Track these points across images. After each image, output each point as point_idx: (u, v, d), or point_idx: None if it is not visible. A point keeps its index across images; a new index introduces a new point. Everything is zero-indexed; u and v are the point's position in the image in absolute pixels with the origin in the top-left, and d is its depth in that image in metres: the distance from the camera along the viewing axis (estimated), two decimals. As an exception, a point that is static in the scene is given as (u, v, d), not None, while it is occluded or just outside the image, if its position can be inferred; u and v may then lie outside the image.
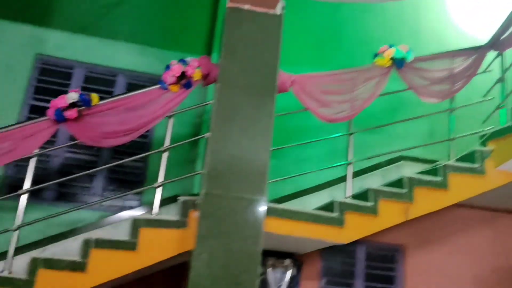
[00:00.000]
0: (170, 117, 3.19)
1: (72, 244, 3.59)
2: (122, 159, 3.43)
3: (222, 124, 2.77)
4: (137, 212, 3.85)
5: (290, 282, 3.67)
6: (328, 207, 3.26)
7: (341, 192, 3.78)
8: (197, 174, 3.38)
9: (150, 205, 3.69)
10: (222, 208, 2.61)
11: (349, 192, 3.40)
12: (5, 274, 2.75)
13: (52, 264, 2.73)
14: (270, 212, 2.83)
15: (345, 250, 3.97)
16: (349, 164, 3.46)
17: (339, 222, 3.10)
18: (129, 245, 2.79)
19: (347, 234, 3.13)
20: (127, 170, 4.09)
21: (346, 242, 3.18)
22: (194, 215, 2.81)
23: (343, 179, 3.97)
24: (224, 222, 2.60)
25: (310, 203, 3.94)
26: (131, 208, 4.02)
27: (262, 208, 2.64)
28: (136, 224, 2.83)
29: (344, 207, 3.17)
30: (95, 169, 3.29)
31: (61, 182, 3.77)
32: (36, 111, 3.86)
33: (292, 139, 3.90)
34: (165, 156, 3.10)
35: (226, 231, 2.59)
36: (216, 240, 2.56)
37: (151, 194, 3.93)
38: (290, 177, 3.62)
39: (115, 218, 3.94)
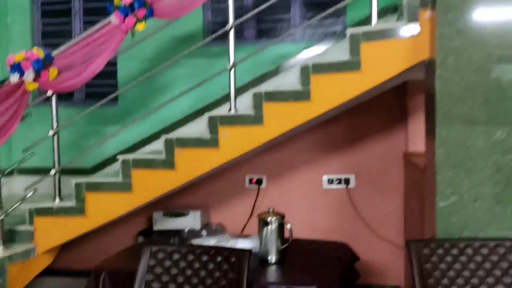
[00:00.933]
0: None
1: (284, 79, 3.48)
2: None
3: None
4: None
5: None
6: None
7: None
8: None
9: (356, 25, 3.26)
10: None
11: None
12: (232, 112, 2.76)
13: (274, 96, 2.61)
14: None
15: None
16: None
17: None
18: (351, 65, 2.44)
19: None
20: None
21: None
22: (426, 15, 2.25)
23: None
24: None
25: None
26: (334, 33, 3.65)
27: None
28: (355, 40, 2.42)
29: None
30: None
31: (259, 19, 3.58)
32: None
33: None
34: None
35: (477, 27, 2.01)
36: (463, 38, 2.02)
37: (355, 12, 3.49)
38: None
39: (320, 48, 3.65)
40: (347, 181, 3.53)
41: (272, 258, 2.37)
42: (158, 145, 2.90)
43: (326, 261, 2.43)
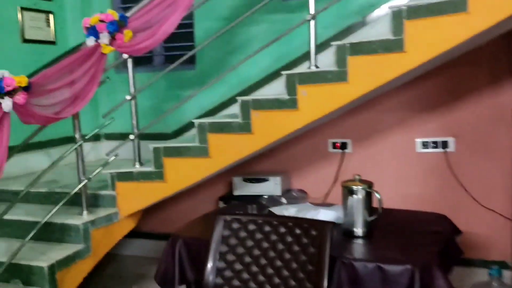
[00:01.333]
0: None
1: (371, 32, 3.12)
2: None
3: None
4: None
5: None
6: None
7: None
8: None
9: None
10: None
11: None
12: (312, 69, 2.50)
13: (361, 48, 2.30)
14: None
15: None
16: None
17: None
18: (455, 6, 2.05)
19: None
20: None
21: None
22: None
23: None
24: None
25: None
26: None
27: None
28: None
29: None
30: None
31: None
32: None
33: None
34: None
35: None
36: None
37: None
38: None
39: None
40: (444, 144, 3.13)
41: (359, 230, 2.11)
42: (236, 108, 2.74)
43: (422, 236, 2.12)
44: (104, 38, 2.70)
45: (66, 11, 4.08)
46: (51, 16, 3.96)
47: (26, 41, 3.77)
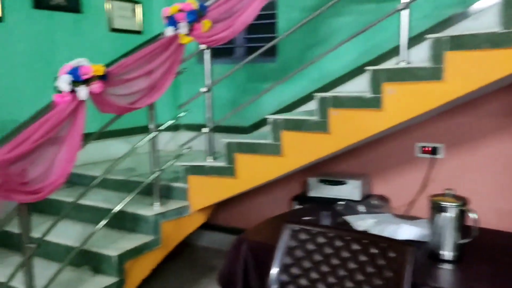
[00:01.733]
0: None
1: (475, 24, 2.75)
2: None
3: None
4: None
5: None
6: None
7: None
8: None
9: None
10: None
11: None
12: (402, 65, 2.23)
13: (462, 42, 1.99)
14: None
15: None
16: None
17: None
18: None
19: None
20: None
21: None
22: None
23: None
24: None
25: None
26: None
27: None
28: None
29: None
30: None
31: None
32: None
33: None
34: None
35: None
36: None
37: None
38: None
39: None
40: (557, 157, 2.69)
41: (447, 254, 1.82)
42: (314, 104, 2.55)
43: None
44: (183, 28, 2.64)
45: (153, 0, 4.12)
46: (138, 6, 4.02)
47: (113, 30, 3.86)
